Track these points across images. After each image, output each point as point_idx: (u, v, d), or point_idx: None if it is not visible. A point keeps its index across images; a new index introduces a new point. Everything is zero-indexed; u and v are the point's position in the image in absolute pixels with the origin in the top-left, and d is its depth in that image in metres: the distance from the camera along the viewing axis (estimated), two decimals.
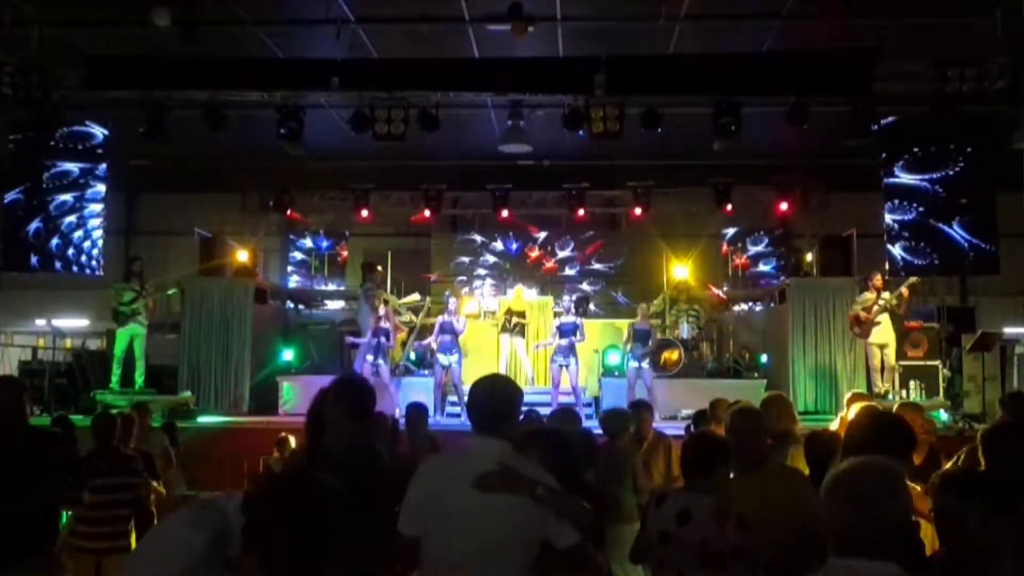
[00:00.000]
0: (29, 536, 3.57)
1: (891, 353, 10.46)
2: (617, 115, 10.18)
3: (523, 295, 12.72)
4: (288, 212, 14.44)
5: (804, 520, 2.93)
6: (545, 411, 9.90)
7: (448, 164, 13.71)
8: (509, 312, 12.10)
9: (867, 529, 1.89)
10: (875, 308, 10.33)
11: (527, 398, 12.01)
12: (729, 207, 13.61)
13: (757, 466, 3.41)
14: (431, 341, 11.24)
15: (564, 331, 10.90)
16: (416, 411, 6.53)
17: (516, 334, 11.94)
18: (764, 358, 12.70)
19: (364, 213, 14.20)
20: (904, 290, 10.27)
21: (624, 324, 11.90)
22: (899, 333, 11.11)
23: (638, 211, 13.79)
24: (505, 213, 14.12)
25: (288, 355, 12.52)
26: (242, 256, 13.10)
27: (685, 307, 12.96)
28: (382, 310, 11.04)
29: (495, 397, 2.78)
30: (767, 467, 3.44)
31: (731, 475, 3.42)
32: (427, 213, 14.08)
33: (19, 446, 3.67)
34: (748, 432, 3.43)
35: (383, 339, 10.88)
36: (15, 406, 3.75)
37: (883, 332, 10.42)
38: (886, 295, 10.34)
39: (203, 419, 10.66)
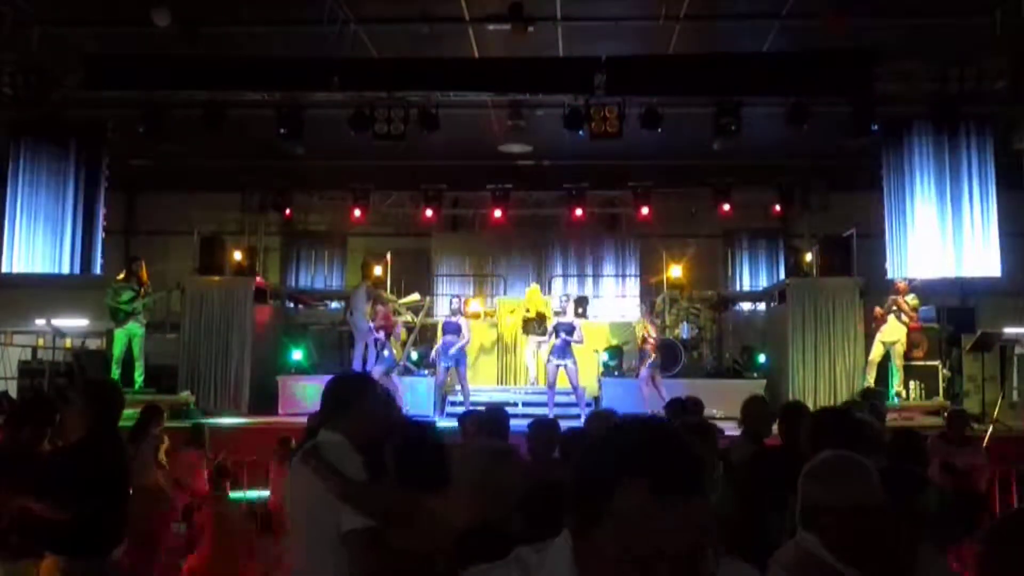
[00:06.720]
0: (80, 532, 3.57)
1: (898, 352, 10.54)
2: (617, 115, 10.20)
3: (539, 294, 12.65)
4: (288, 212, 14.43)
5: None
6: (543, 411, 9.97)
7: (448, 164, 13.68)
8: (529, 312, 12.02)
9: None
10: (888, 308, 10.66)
11: (529, 398, 11.89)
12: (729, 207, 13.60)
13: None
14: (437, 347, 11.25)
15: (561, 331, 10.88)
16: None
17: (541, 333, 11.79)
18: (763, 358, 12.69)
19: (363, 213, 14.18)
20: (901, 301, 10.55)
21: (623, 324, 11.89)
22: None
23: (639, 211, 13.76)
24: (498, 213, 14.03)
25: (297, 355, 12.42)
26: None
27: (685, 307, 12.93)
28: (379, 309, 11.03)
29: (335, 390, 3.04)
30: None
31: None
32: (428, 213, 14.03)
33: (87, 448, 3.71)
34: None
35: (377, 338, 10.88)
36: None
37: (888, 331, 10.63)
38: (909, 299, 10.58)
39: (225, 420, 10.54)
